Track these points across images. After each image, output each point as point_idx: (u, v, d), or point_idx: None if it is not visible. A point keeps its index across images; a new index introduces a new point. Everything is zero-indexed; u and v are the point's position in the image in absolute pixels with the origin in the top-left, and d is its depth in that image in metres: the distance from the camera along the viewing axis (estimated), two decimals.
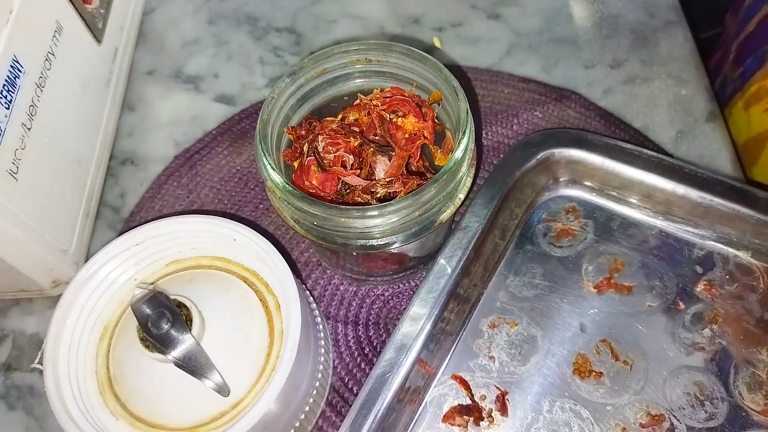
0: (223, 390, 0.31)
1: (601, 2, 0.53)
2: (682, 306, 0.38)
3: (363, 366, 0.39)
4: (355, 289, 0.41)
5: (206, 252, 0.36)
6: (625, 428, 0.35)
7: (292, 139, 0.35)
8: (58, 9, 0.39)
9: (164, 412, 0.32)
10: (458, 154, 0.31)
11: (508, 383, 0.37)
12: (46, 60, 0.37)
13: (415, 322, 0.35)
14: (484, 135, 0.47)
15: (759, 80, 0.48)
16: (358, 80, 0.36)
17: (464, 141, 0.31)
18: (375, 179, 0.34)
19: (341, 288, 0.41)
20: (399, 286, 0.41)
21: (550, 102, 0.47)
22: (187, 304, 0.31)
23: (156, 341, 0.30)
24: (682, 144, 0.46)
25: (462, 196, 0.33)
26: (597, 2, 0.53)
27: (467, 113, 0.32)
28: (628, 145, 0.40)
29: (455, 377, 0.37)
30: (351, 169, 0.34)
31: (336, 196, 0.34)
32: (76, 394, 0.32)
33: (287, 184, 0.31)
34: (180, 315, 0.31)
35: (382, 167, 0.35)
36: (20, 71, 0.35)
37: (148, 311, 0.31)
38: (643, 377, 0.36)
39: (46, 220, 0.37)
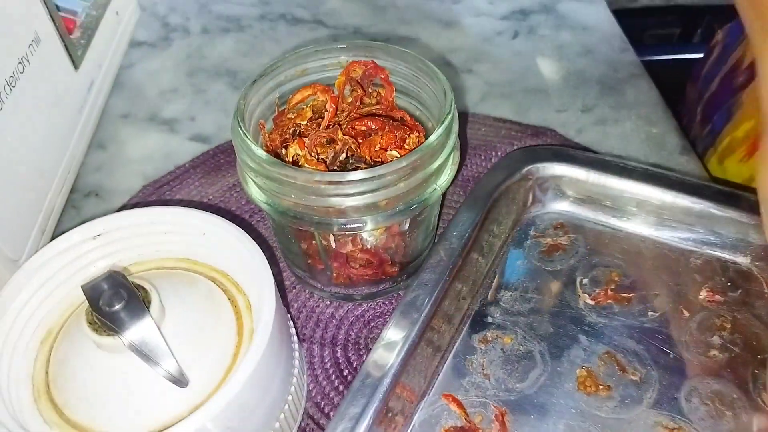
0: (180, 381, 0.26)
1: (566, 60, 0.56)
2: (686, 314, 0.35)
3: (341, 389, 0.34)
4: (332, 310, 0.38)
5: (170, 254, 0.33)
6: None
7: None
8: (37, 21, 0.39)
9: (110, 417, 0.27)
10: (442, 128, 0.30)
11: (507, 402, 0.33)
12: (20, 63, 0.36)
13: (395, 340, 0.31)
14: (464, 166, 0.46)
15: (729, 133, 0.50)
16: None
17: (449, 117, 0.31)
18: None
19: (317, 310, 0.38)
20: (381, 306, 0.38)
21: (527, 137, 0.48)
22: (146, 286, 0.28)
23: (107, 320, 0.26)
24: None
25: (446, 179, 0.32)
26: (563, 59, 0.56)
27: (450, 91, 0.32)
28: (611, 158, 0.40)
29: (446, 396, 0.33)
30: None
31: None
32: (6, 402, 0.27)
33: (269, 155, 0.29)
34: (137, 294, 0.27)
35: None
36: None
37: (101, 291, 0.27)
38: (655, 389, 0.33)
39: None
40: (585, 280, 0.37)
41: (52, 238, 0.41)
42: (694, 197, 0.38)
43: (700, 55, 0.62)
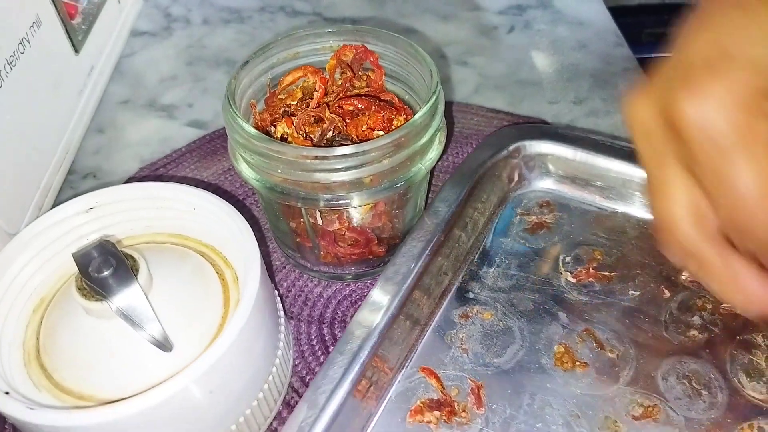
0: (164, 345, 0.27)
1: (560, 54, 0.57)
2: (667, 294, 0.36)
3: None
4: (321, 289, 0.38)
5: (161, 228, 0.34)
6: (616, 421, 0.31)
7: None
8: (38, 4, 0.40)
9: (96, 381, 0.28)
10: (427, 107, 0.31)
11: (484, 376, 0.33)
12: (20, 44, 0.38)
13: (374, 313, 0.32)
14: (455, 154, 0.47)
15: None
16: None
17: (434, 97, 0.31)
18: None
19: (306, 289, 0.39)
20: (368, 286, 0.39)
21: None
22: (135, 255, 0.29)
23: (96, 286, 0.27)
24: None
25: (431, 158, 0.32)
26: (556, 54, 0.57)
27: (437, 73, 0.32)
28: (600, 137, 0.40)
29: (424, 370, 0.34)
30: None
31: None
32: None
33: (257, 131, 0.30)
34: (125, 262, 0.28)
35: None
36: None
37: (91, 258, 0.28)
38: (632, 367, 0.33)
39: None
40: (567, 258, 0.38)
41: None
42: None
43: None
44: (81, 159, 0.48)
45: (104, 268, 0.27)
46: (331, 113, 0.32)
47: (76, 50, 0.45)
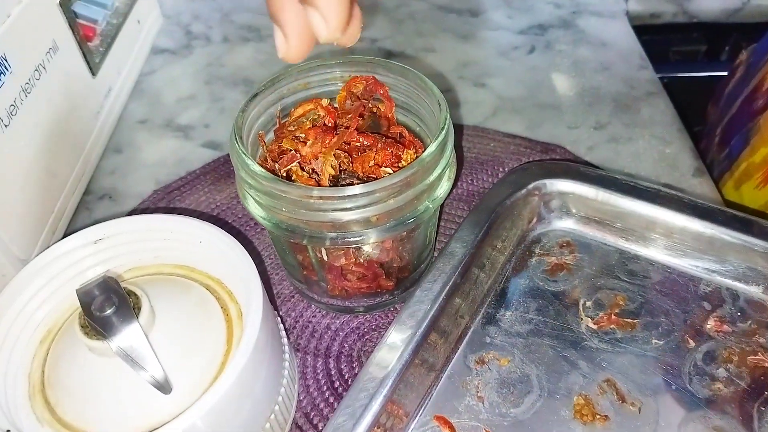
0: (164, 387, 0.26)
1: (581, 76, 0.55)
2: (692, 344, 0.34)
3: (332, 401, 0.34)
4: (328, 321, 0.38)
5: (168, 260, 0.34)
6: None
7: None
8: (55, 30, 0.40)
9: (97, 417, 0.27)
10: (434, 146, 0.30)
11: (500, 427, 0.32)
12: (36, 70, 0.38)
13: (388, 357, 0.31)
14: (469, 181, 0.46)
15: (746, 158, 0.49)
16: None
17: (443, 133, 0.30)
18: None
19: (313, 320, 0.38)
20: (377, 319, 0.38)
21: (536, 154, 0.47)
22: (138, 292, 0.28)
23: (98, 325, 0.26)
24: None
25: (440, 195, 0.31)
26: (578, 76, 0.55)
27: (445, 107, 0.31)
28: (623, 177, 0.39)
29: (438, 418, 0.32)
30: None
31: None
32: (1, 397, 0.28)
33: (263, 169, 0.29)
34: (127, 300, 0.27)
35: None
36: (7, 69, 0.35)
37: (94, 295, 0.27)
38: (654, 421, 0.32)
39: (8, 221, 0.35)
40: (588, 303, 0.37)
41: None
42: (705, 222, 0.36)
43: (727, 74, 0.60)
44: (98, 179, 0.48)
45: (106, 307, 0.27)
46: (337, 149, 0.31)
47: (93, 73, 0.45)
